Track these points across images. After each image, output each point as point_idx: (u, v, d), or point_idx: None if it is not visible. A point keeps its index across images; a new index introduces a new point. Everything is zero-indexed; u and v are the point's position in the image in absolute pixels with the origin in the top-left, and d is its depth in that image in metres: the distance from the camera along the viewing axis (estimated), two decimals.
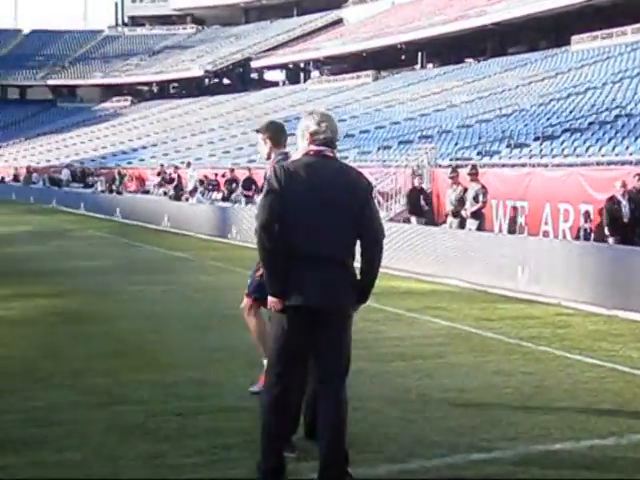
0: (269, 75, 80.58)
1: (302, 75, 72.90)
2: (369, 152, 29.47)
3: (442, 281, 12.87)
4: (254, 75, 77.79)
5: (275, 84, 77.26)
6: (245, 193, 26.42)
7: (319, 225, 4.20)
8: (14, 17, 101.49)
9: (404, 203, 20.29)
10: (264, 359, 5.92)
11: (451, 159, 22.83)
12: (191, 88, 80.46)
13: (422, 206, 18.19)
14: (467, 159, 22.39)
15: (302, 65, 72.67)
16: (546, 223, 16.25)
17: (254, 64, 73.91)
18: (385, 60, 59.24)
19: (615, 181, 14.10)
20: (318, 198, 4.22)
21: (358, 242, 4.34)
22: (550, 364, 7.19)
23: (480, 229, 15.05)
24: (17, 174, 52.09)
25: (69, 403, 5.76)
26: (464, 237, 13.81)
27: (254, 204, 21.45)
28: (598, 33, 40.69)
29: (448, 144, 26.59)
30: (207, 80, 78.89)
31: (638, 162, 16.65)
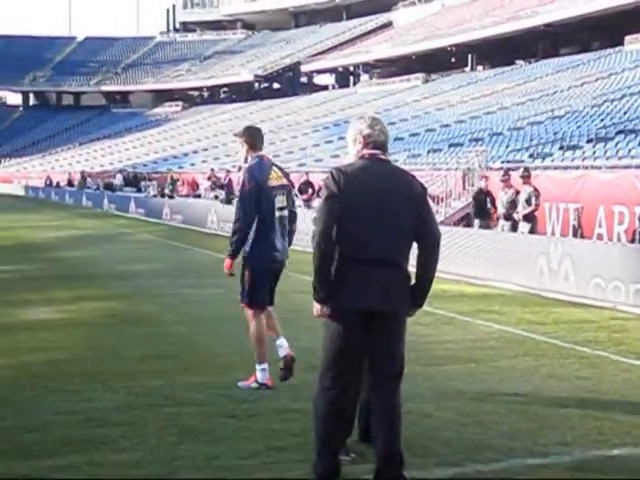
0: (319, 79, 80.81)
1: (352, 79, 72.95)
2: (419, 155, 29.38)
3: (494, 284, 12.78)
4: (304, 79, 78.06)
5: (325, 88, 77.42)
6: (302, 197, 25.57)
7: (378, 228, 4.21)
8: (68, 24, 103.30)
9: (456, 206, 20.21)
10: (256, 364, 6.24)
11: (502, 162, 22.64)
12: (241, 93, 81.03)
13: (488, 209, 17.27)
14: (519, 161, 22.18)
15: (352, 69, 72.72)
16: (600, 226, 16.04)
17: (304, 68, 74.19)
18: (435, 62, 58.98)
19: None
20: (376, 201, 4.23)
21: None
22: (606, 369, 7.10)
23: (533, 232, 14.90)
24: (71, 179, 53.00)
25: (126, 404, 5.85)
26: (516, 240, 13.68)
27: (310, 208, 21.39)
28: None
29: (499, 146, 26.36)
30: (257, 85, 79.44)
31: None
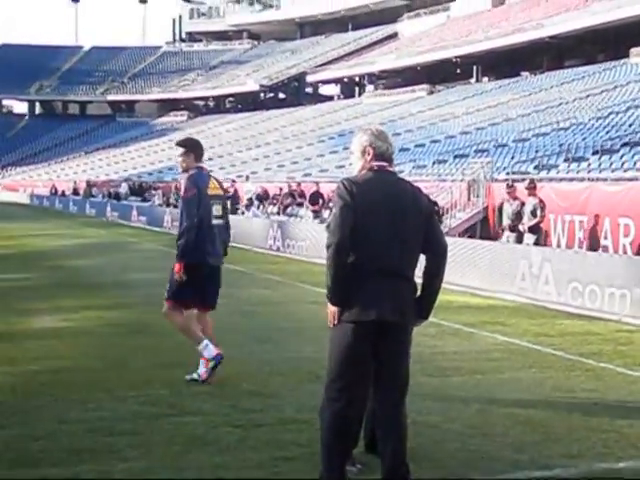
0: (324, 89, 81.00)
1: (357, 89, 73.08)
2: (424, 166, 29.37)
3: (499, 296, 12.79)
4: (309, 89, 78.27)
5: (330, 98, 77.61)
6: (312, 209, 25.17)
7: (390, 240, 4.22)
8: (75, 34, 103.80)
9: (461, 217, 20.20)
10: (198, 346, 6.79)
11: (507, 173, 22.64)
12: (247, 102, 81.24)
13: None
14: (524, 173, 22.18)
15: (357, 79, 72.86)
16: (606, 238, 16.02)
17: (309, 78, 74.36)
18: (440, 74, 59.09)
19: None
20: (388, 213, 4.24)
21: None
22: (612, 381, 7.10)
23: (538, 244, 14.91)
24: (77, 188, 53.10)
25: (132, 413, 5.85)
26: (521, 251, 13.69)
27: (317, 218, 21.38)
28: None
29: (504, 158, 26.36)
30: (262, 94, 79.61)
31: None
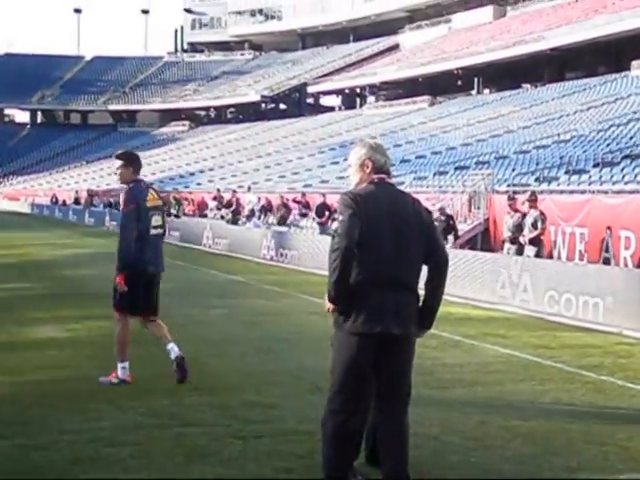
0: (325, 100, 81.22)
1: (358, 100, 73.32)
2: (425, 177, 29.46)
3: (499, 308, 12.81)
4: (310, 100, 78.49)
5: (331, 109, 77.83)
6: (319, 221, 24.62)
7: (394, 251, 4.25)
8: (77, 44, 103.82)
9: (462, 229, 20.22)
10: (119, 362, 7.01)
11: (508, 185, 22.71)
12: (248, 113, 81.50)
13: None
14: (525, 185, 22.26)
15: (358, 90, 73.08)
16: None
17: (310, 89, 74.59)
18: (441, 85, 59.27)
19: None
20: (392, 225, 4.27)
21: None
22: (612, 394, 7.12)
23: (539, 256, 14.93)
24: (78, 197, 53.14)
25: (134, 424, 5.86)
26: (521, 264, 13.71)
27: (324, 233, 21.36)
28: None
29: (505, 170, 26.44)
30: (264, 105, 79.84)
31: None
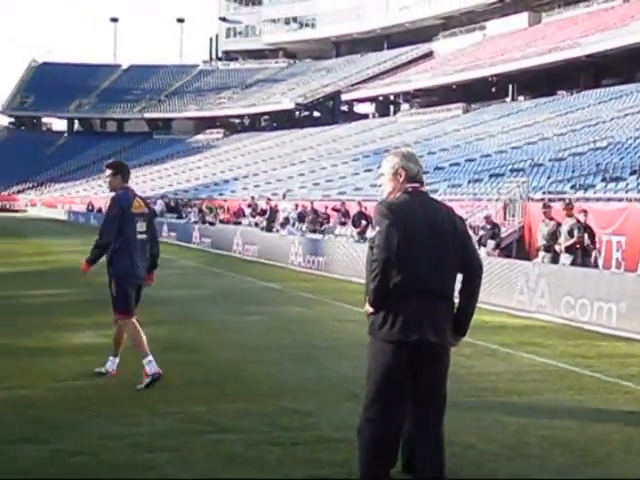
0: (359, 108, 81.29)
1: (392, 108, 73.30)
2: (459, 185, 29.35)
3: (535, 316, 12.73)
4: (344, 108, 78.59)
5: (365, 117, 77.86)
6: (358, 230, 23.84)
7: (430, 259, 4.26)
8: (113, 53, 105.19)
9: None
10: (143, 359, 7.37)
11: (544, 192, 22.56)
12: (282, 121, 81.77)
13: (587, 245, 15.40)
14: (561, 193, 22.10)
15: (392, 98, 73.09)
16: None
17: (344, 97, 74.70)
18: (476, 92, 59.06)
19: None
20: (429, 233, 4.28)
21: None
22: None
23: (574, 264, 14.80)
24: None
25: (172, 430, 5.91)
26: (556, 272, 13.61)
27: (360, 241, 21.35)
28: None
29: (540, 177, 26.26)
30: (298, 113, 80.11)
31: None
